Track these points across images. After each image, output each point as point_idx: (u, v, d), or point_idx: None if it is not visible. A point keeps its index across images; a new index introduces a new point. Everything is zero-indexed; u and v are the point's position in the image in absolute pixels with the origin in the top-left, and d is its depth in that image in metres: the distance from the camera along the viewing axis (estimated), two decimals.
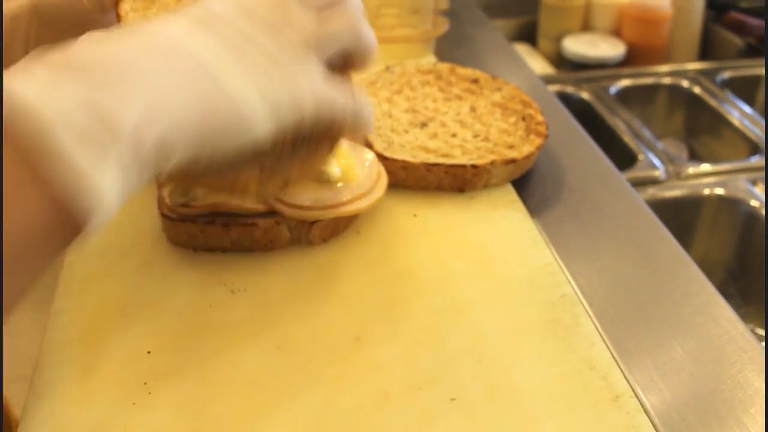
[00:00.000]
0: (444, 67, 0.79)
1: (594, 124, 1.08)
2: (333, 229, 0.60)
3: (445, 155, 0.66)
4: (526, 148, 0.66)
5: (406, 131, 0.69)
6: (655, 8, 1.21)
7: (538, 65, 1.28)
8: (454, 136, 0.69)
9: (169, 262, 0.59)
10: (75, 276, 0.58)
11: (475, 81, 0.77)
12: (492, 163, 0.64)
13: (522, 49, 1.33)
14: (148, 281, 0.57)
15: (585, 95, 1.10)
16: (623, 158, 0.99)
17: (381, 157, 0.65)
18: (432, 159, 0.65)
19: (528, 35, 1.36)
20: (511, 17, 1.38)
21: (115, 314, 0.54)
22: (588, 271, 0.58)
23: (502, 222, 0.62)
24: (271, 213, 0.58)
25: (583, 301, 0.55)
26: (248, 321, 0.53)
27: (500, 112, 0.72)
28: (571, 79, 1.14)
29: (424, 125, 0.70)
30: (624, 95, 1.12)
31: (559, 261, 0.59)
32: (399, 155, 0.65)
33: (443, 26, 0.90)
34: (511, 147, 0.67)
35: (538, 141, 0.67)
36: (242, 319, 0.53)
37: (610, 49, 1.24)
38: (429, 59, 0.89)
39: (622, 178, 0.70)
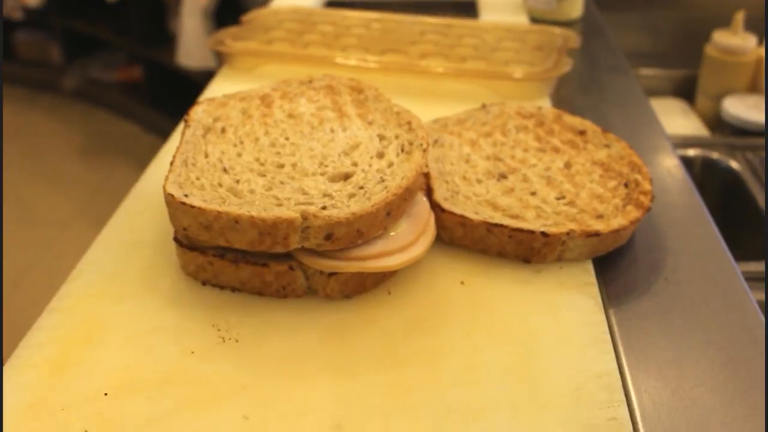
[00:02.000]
0: (550, 112, 0.68)
1: (740, 201, 0.92)
2: (357, 284, 0.51)
3: (515, 216, 0.55)
4: (617, 221, 0.54)
5: (479, 181, 0.59)
6: None
7: (692, 125, 1.12)
8: (533, 194, 0.58)
9: (172, 293, 0.52)
10: (73, 291, 0.52)
11: (582, 133, 0.65)
12: (568, 233, 0.53)
13: (676, 106, 1.18)
14: (141, 310, 0.51)
15: (735, 165, 0.94)
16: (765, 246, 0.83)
17: (437, 208, 0.55)
18: (497, 218, 0.54)
19: (686, 91, 1.21)
20: (670, 68, 1.23)
21: (93, 342, 0.48)
22: (659, 391, 0.45)
23: (566, 309, 0.51)
24: (287, 255, 0.50)
25: (641, 431, 0.43)
26: (225, 379, 0.45)
27: (600, 173, 0.60)
28: (722, 145, 0.98)
29: (502, 177, 0.60)
30: None
31: (626, 371, 0.47)
32: (459, 209, 0.55)
33: (565, 67, 0.79)
34: (599, 217, 0.55)
35: (635, 214, 0.55)
36: (220, 374, 0.45)
37: None
38: (542, 102, 0.78)
39: (739, 275, 0.56)
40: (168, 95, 3.02)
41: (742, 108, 1.08)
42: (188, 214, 0.49)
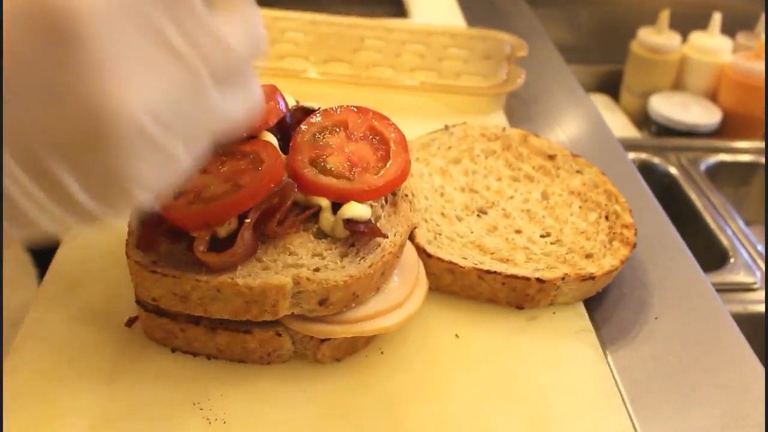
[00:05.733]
0: (515, 134, 0.65)
1: (677, 206, 0.93)
2: (349, 346, 0.47)
3: (505, 260, 0.52)
4: (608, 261, 0.52)
5: (459, 218, 0.56)
6: (761, 73, 1.05)
7: (619, 123, 1.13)
8: (518, 232, 0.55)
9: (138, 365, 0.46)
10: (20, 366, 0.46)
11: (552, 158, 0.63)
12: (564, 278, 0.50)
13: (601, 102, 1.18)
14: (107, 389, 0.44)
15: (672, 170, 0.95)
16: (710, 254, 0.84)
17: (423, 253, 0.51)
18: (487, 264, 0.51)
19: (610, 87, 1.21)
20: (592, 64, 1.23)
21: None
22: None
23: (568, 361, 0.48)
24: (272, 321, 0.45)
25: None
26: None
27: (578, 204, 0.58)
28: (654, 147, 0.99)
29: (482, 212, 0.57)
30: (716, 172, 0.97)
31: (636, 427, 0.45)
32: (446, 253, 0.51)
33: (518, 80, 0.76)
34: (588, 256, 0.53)
35: (623, 252, 0.53)
36: None
37: (703, 114, 1.08)
38: (497, 116, 0.76)
39: (722, 305, 0.55)
40: None
41: (668, 107, 1.10)
42: (160, 284, 0.43)
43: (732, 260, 0.82)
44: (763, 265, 0.81)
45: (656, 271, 0.58)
